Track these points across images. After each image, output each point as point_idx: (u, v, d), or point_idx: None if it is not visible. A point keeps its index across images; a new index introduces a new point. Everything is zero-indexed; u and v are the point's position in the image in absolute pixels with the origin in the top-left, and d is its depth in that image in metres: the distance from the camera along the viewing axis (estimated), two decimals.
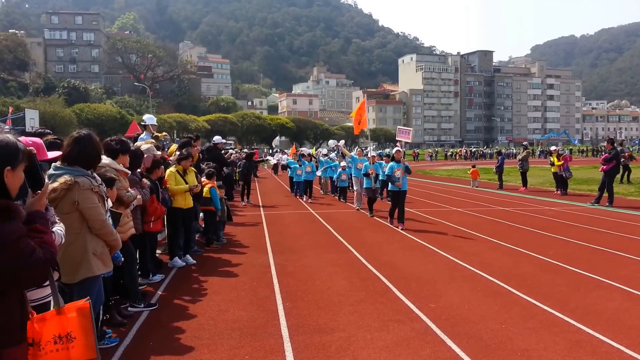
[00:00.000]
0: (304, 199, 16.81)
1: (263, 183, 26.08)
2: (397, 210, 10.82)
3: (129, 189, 5.11)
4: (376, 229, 10.93)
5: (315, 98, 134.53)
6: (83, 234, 3.87)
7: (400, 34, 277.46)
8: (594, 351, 4.22)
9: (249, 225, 11.68)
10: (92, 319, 2.51)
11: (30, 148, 2.32)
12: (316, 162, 19.71)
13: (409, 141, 10.73)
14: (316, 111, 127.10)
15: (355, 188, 14.73)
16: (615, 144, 15.39)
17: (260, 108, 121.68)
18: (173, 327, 4.92)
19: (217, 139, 13.75)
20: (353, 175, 14.82)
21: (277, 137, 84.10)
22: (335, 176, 17.57)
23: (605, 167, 14.46)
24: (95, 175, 4.04)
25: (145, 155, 6.23)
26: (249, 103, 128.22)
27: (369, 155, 13.36)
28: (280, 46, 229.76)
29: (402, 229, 10.53)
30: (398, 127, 11.57)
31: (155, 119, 10.15)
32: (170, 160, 7.85)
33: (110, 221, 4.17)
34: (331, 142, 25.29)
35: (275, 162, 22.73)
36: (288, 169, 20.21)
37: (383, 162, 15.51)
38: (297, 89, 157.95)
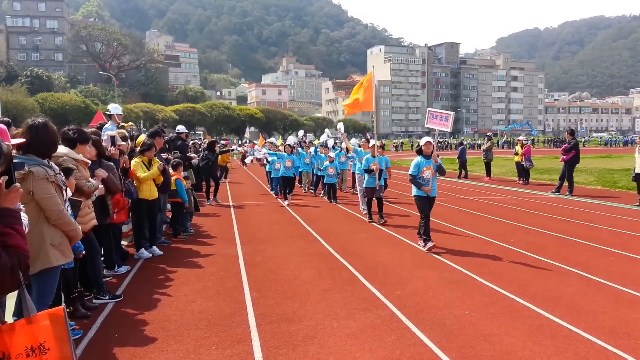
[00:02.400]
0: (285, 202, 13.39)
1: (232, 177, 25.83)
2: (424, 223, 7.83)
3: (90, 178, 5.01)
4: (345, 219, 11.00)
5: (285, 89, 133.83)
6: (40, 225, 3.77)
7: (369, 25, 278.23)
8: (553, 335, 4.37)
9: (217, 216, 11.60)
10: (67, 326, 2.32)
11: (12, 149, 2.21)
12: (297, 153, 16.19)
13: (448, 130, 8.27)
14: (285, 102, 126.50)
15: (359, 188, 12.31)
16: (575, 135, 15.86)
17: (229, 98, 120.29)
18: (139, 319, 4.87)
19: (180, 128, 12.66)
20: (357, 172, 12.63)
21: (247, 128, 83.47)
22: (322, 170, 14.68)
23: (565, 157, 14.89)
24: (52, 164, 3.94)
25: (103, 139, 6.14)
26: (218, 93, 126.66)
27: (369, 145, 10.91)
28: (249, 36, 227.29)
29: (426, 249, 7.63)
30: (429, 109, 8.56)
31: (121, 108, 9.94)
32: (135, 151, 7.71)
33: (70, 211, 4.08)
34: (326, 133, 23.60)
35: (251, 157, 21.03)
36: (266, 163, 16.99)
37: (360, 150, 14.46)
38: (267, 79, 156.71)
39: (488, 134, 25.39)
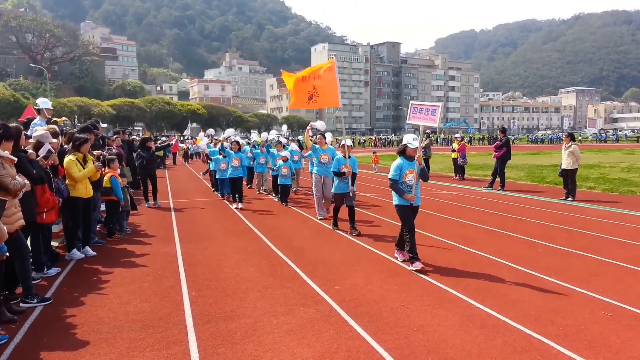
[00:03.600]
0: (234, 206, 12.07)
1: (174, 175, 25.26)
2: (407, 238, 6.61)
3: (16, 176, 4.77)
4: (288, 216, 11.01)
5: (228, 84, 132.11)
6: None
7: (312, 22, 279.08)
8: (483, 324, 4.57)
9: (156, 214, 11.31)
10: None
11: None
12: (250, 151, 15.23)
13: (435, 125, 6.96)
14: (229, 98, 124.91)
15: (315, 190, 10.57)
16: (506, 133, 16.58)
17: (170, 93, 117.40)
18: (69, 322, 4.69)
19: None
20: (315, 172, 10.58)
21: (189, 124, 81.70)
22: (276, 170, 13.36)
23: (497, 154, 15.56)
24: None
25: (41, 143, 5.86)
26: (158, 88, 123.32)
27: (342, 145, 9.53)
28: (190, 30, 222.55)
29: (415, 269, 6.38)
30: (412, 102, 7.23)
31: (51, 102, 9.50)
32: (66, 148, 7.38)
33: None
34: (284, 128, 22.54)
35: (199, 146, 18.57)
36: (208, 162, 15.57)
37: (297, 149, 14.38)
38: (209, 74, 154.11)
39: (427, 131, 26.09)
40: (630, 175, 18.95)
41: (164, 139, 42.84)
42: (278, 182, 12.96)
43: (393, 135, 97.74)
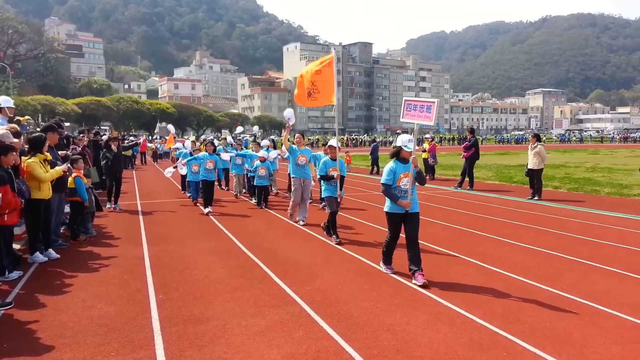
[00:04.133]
0: (206, 211, 11.10)
1: (143, 176, 24.87)
2: (408, 251, 6.03)
3: None
4: (260, 217, 10.94)
5: (198, 83, 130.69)
6: None
7: (285, 21, 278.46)
8: (451, 322, 4.62)
9: (123, 215, 11.09)
10: None
11: None
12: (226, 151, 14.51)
13: (431, 123, 6.43)
14: (199, 97, 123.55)
15: (292, 193, 10.12)
16: (474, 133, 16.86)
17: (138, 92, 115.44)
18: (31, 327, 4.55)
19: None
20: (292, 175, 10.06)
21: (158, 124, 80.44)
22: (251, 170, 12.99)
23: (466, 154, 15.80)
24: None
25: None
26: (126, 86, 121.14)
27: (328, 145, 9.02)
28: (159, 27, 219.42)
29: (420, 284, 5.71)
30: (405, 99, 6.71)
31: (13, 101, 9.20)
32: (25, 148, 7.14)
33: None
34: (255, 128, 21.92)
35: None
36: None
37: (273, 150, 13.32)
38: (179, 73, 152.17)
39: (398, 131, 26.35)
40: (594, 175, 19.48)
41: (132, 138, 42.00)
42: (254, 183, 12.31)
43: (365, 135, 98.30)
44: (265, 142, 14.38)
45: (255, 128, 17.20)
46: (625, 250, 7.50)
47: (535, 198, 13.24)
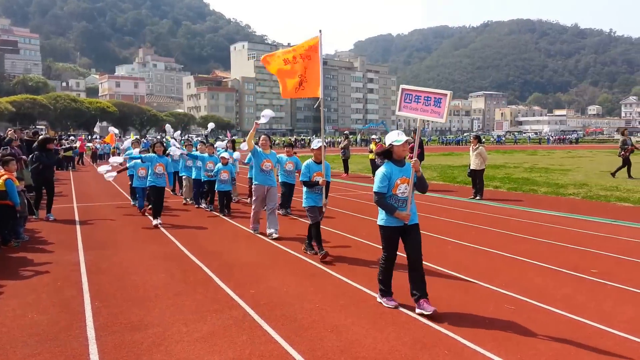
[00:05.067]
0: (154, 222, 9.69)
1: (80, 177, 23.88)
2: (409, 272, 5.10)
3: None
4: (204, 218, 10.70)
5: (142, 81, 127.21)
6: None
7: (232, 20, 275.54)
8: (394, 322, 4.65)
9: (58, 219, 10.55)
10: None
11: None
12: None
13: (442, 121, 5.19)
14: (142, 95, 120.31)
15: (253, 203, 8.91)
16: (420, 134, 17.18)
17: (77, 90, 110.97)
18: None
19: None
20: (255, 182, 8.83)
21: (98, 123, 77.52)
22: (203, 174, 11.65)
23: (411, 154, 16.06)
24: None
25: None
26: (64, 84, 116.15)
27: (312, 147, 7.73)
28: (100, 23, 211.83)
29: (428, 313, 4.74)
30: (403, 87, 5.44)
31: None
32: None
33: None
34: (210, 125, 20.44)
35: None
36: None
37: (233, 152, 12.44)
38: (121, 70, 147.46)
39: (345, 132, 26.56)
40: (532, 175, 20.31)
41: (72, 137, 40.23)
42: (216, 188, 11.17)
43: (314, 136, 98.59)
44: (220, 144, 13.58)
45: (211, 125, 16.17)
46: (561, 247, 7.82)
47: (477, 197, 13.64)
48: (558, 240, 8.28)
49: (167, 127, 20.59)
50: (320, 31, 7.19)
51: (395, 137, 5.03)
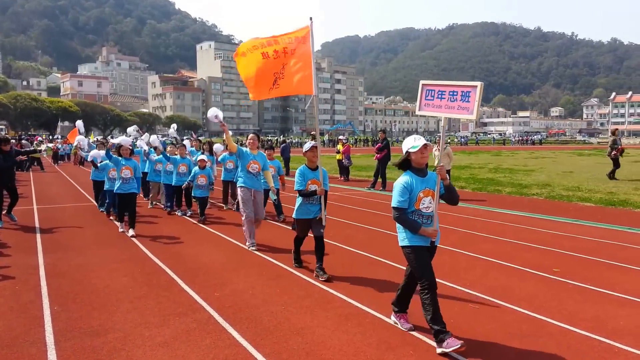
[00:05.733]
0: (130, 234, 8.73)
1: (40, 178, 23.17)
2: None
3: None
4: (169, 221, 10.51)
5: (105, 81, 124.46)
6: None
7: (198, 19, 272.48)
8: (360, 323, 4.65)
9: (17, 222, 10.19)
10: None
11: None
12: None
13: (472, 118, 4.31)
14: (106, 95, 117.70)
15: (243, 209, 7.75)
16: (386, 135, 17.33)
17: (38, 89, 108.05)
18: None
19: None
20: (241, 185, 7.79)
21: (60, 123, 75.43)
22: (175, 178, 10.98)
23: (378, 155, 16.20)
24: None
25: None
26: (24, 83, 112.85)
27: (306, 148, 6.45)
28: (62, 21, 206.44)
29: (449, 350, 3.97)
30: (423, 82, 4.86)
31: None
32: None
33: None
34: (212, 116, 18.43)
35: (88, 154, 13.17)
36: (93, 168, 10.96)
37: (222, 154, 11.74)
38: (84, 69, 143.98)
39: (312, 132, 26.52)
40: (496, 176, 20.73)
41: (40, 139, 38.89)
42: (193, 194, 10.47)
43: (281, 137, 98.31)
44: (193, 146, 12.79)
45: (174, 127, 15.33)
46: (524, 247, 7.99)
47: None
48: (522, 240, 8.46)
49: (174, 126, 17.83)
50: (310, 19, 6.35)
51: (411, 143, 4.28)
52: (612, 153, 18.46)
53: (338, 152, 20.57)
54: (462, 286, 5.78)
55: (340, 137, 23.85)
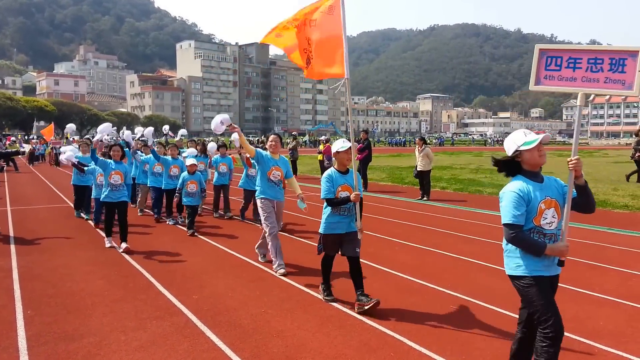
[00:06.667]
0: (121, 247, 7.57)
1: (15, 179, 22.69)
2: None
3: None
4: (147, 223, 10.33)
5: (82, 80, 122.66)
6: None
7: (178, 18, 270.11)
8: (341, 325, 4.60)
9: None
10: None
11: None
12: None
13: (634, 94, 3.00)
14: (83, 94, 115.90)
15: (266, 224, 6.51)
16: (368, 135, 17.34)
17: (13, 88, 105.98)
18: None
19: None
20: (260, 195, 6.73)
21: (35, 122, 73.96)
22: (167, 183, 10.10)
23: (359, 156, 16.19)
24: None
25: None
26: None
27: (337, 149, 5.32)
28: (38, 18, 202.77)
29: None
30: (541, 47, 3.36)
31: None
32: None
33: None
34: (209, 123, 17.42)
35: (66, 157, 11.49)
36: (77, 172, 10.18)
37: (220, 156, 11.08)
38: (60, 68, 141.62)
39: (293, 133, 26.49)
40: (478, 176, 20.88)
41: (14, 139, 38.08)
42: (183, 202, 9.26)
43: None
44: (191, 151, 10.99)
45: (166, 128, 14.73)
46: None
47: (425, 198, 13.87)
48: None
49: (166, 127, 16.44)
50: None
51: (522, 139, 3.24)
52: (636, 155, 17.00)
53: (320, 152, 20.51)
54: (443, 287, 5.77)
55: (322, 137, 23.82)
